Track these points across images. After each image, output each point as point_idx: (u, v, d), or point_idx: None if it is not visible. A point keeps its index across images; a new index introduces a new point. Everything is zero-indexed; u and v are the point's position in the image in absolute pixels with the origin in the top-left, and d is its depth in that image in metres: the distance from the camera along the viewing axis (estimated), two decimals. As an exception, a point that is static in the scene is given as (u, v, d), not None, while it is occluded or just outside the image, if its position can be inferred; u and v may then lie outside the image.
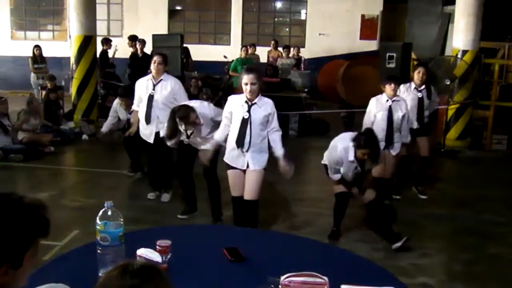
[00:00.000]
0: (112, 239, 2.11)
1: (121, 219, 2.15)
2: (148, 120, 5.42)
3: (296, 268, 2.12)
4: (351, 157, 4.46)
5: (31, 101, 8.32)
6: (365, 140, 4.38)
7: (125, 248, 2.15)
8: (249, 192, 4.29)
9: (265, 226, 4.86)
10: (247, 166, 4.24)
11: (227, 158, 4.33)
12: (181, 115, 4.67)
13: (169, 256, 2.23)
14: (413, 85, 5.93)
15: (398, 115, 5.32)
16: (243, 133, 4.14)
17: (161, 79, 5.39)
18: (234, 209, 4.50)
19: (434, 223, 5.44)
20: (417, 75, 5.90)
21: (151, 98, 5.39)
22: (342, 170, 4.61)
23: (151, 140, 5.50)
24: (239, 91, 4.25)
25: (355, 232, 5.00)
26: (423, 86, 5.92)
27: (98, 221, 2.12)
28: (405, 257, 4.46)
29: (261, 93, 4.18)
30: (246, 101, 4.13)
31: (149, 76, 5.46)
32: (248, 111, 4.11)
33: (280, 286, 2.04)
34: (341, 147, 4.54)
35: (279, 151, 4.20)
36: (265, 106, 4.18)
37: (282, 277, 2.06)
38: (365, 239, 4.83)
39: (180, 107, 4.80)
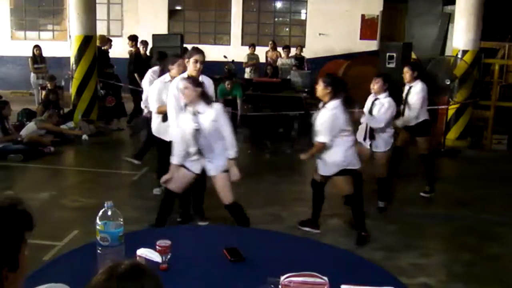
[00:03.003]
0: (112, 239, 2.12)
1: (121, 219, 2.15)
2: (165, 119, 5.36)
3: (296, 268, 2.12)
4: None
5: (51, 116, 8.49)
6: None
7: (125, 248, 2.16)
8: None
9: (265, 226, 4.86)
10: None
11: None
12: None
13: (169, 256, 2.23)
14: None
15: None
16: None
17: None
18: (168, 204, 4.57)
19: (434, 223, 5.44)
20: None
21: None
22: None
23: (167, 138, 5.45)
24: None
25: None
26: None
27: (98, 221, 2.12)
28: (405, 257, 4.46)
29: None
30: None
31: (167, 78, 5.36)
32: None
33: (280, 286, 2.04)
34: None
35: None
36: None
37: (282, 277, 2.06)
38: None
39: None
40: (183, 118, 4.20)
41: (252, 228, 4.60)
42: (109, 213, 2.12)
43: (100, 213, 2.13)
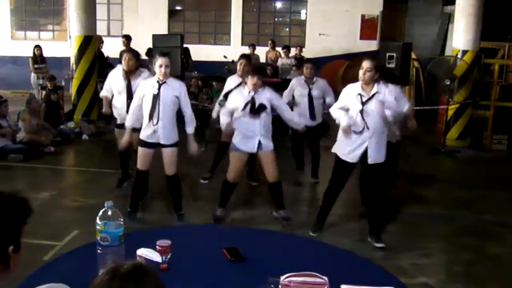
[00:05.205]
0: (112, 239, 2.11)
1: (121, 219, 2.15)
2: None
3: (296, 268, 2.12)
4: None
5: (30, 101, 8.31)
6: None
7: (125, 248, 2.16)
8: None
9: (265, 226, 4.86)
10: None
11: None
12: None
13: (169, 256, 2.23)
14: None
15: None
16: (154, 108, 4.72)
17: None
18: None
19: (434, 223, 5.43)
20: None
21: None
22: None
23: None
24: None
25: (355, 232, 5.00)
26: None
27: (98, 221, 2.12)
28: (405, 257, 4.46)
29: None
30: (157, 81, 4.70)
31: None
32: (158, 88, 4.67)
33: (280, 286, 2.04)
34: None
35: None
36: (174, 86, 4.76)
37: (282, 277, 2.06)
38: (365, 239, 4.82)
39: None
40: None
41: (252, 228, 4.61)
42: (109, 213, 2.12)
43: (100, 213, 2.13)
